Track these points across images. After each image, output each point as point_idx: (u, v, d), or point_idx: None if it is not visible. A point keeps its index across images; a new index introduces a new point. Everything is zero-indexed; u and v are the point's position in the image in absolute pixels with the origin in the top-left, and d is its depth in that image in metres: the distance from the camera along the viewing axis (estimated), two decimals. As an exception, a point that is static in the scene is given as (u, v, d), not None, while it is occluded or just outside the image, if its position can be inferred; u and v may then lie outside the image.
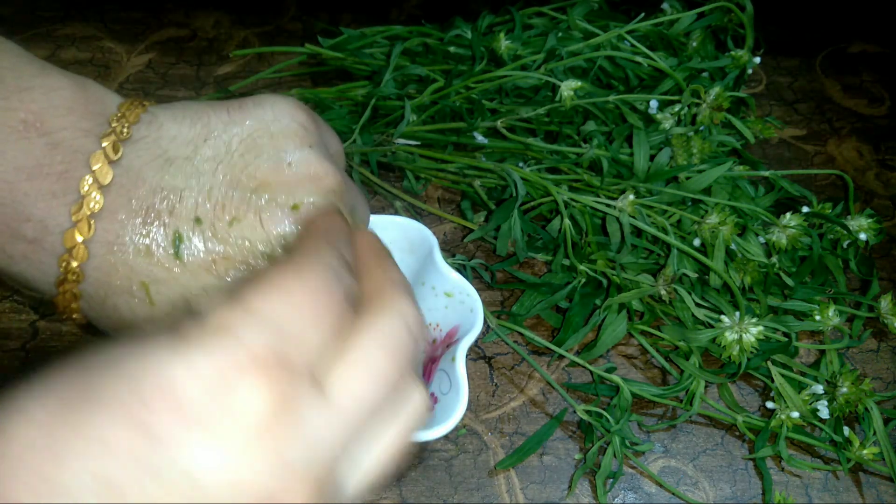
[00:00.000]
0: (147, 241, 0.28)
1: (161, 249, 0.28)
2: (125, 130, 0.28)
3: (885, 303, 0.47)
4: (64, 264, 0.27)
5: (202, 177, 0.29)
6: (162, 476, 0.17)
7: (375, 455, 0.22)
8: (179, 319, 0.20)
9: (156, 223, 0.28)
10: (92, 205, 0.27)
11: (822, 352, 0.46)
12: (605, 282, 0.47)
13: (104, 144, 0.27)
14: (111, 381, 0.18)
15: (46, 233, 0.27)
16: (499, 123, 0.50)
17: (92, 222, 0.27)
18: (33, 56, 0.28)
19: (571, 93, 0.48)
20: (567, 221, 0.46)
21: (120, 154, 0.28)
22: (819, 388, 0.43)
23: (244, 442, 0.18)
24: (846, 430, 0.43)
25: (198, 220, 0.28)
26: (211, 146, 0.29)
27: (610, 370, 0.44)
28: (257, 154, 0.29)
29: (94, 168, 0.27)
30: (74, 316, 0.29)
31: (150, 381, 0.18)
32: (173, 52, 0.62)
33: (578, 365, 0.45)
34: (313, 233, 0.26)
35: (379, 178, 0.53)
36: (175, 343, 0.19)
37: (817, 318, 0.45)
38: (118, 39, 0.63)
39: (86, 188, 0.27)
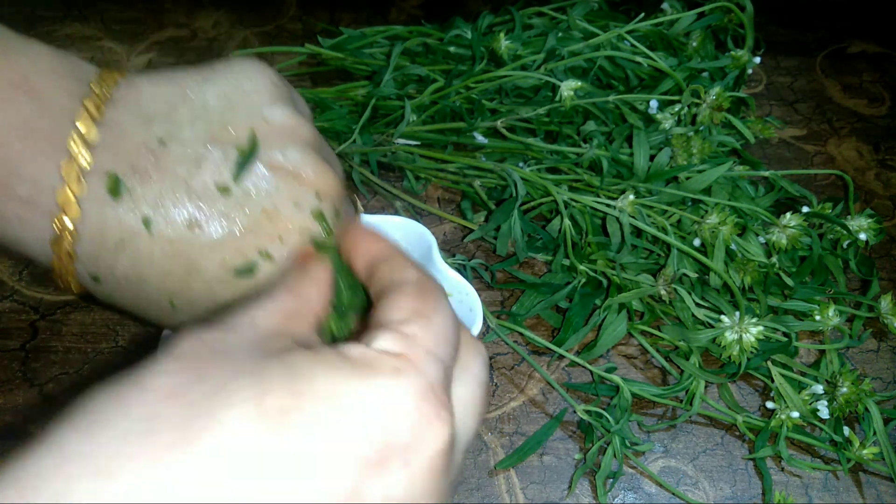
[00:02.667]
0: (135, 196, 0.29)
1: (147, 205, 0.28)
2: (106, 92, 0.29)
3: (885, 303, 0.47)
4: (58, 222, 0.28)
5: (182, 132, 0.29)
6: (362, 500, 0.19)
7: (458, 463, 0.25)
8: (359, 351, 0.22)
9: (142, 179, 0.29)
10: (81, 162, 0.28)
11: (822, 352, 0.46)
12: (605, 282, 0.47)
13: (87, 105, 0.28)
14: (331, 413, 0.19)
15: (39, 192, 0.28)
16: (499, 123, 0.50)
17: (83, 179, 0.28)
18: (14, 31, 0.30)
19: (571, 93, 0.48)
20: (567, 221, 0.46)
21: (103, 114, 0.29)
22: (819, 388, 0.43)
23: (428, 476, 0.20)
24: (846, 430, 0.42)
25: (185, 176, 0.29)
26: (188, 105, 0.30)
27: (610, 370, 0.44)
28: (233, 111, 0.30)
29: (80, 126, 0.28)
30: (71, 280, 0.30)
31: (362, 409, 0.20)
32: (173, 52, 0.62)
33: (578, 365, 0.45)
34: (399, 260, 0.28)
35: (379, 178, 0.53)
36: (382, 376, 0.21)
37: (817, 318, 0.45)
38: (118, 39, 0.63)
39: (74, 147, 0.28)
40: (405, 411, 0.20)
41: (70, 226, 0.28)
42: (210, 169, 0.29)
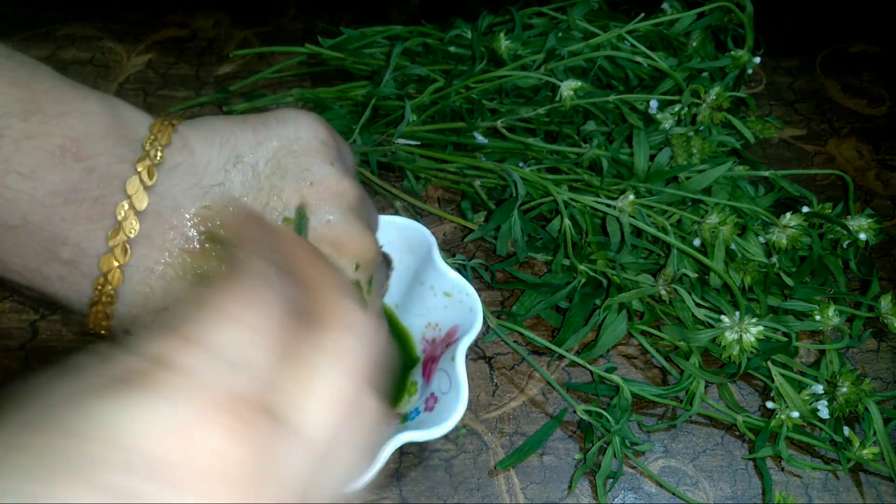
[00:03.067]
0: (187, 267, 0.28)
1: (201, 277, 0.28)
2: (158, 155, 0.28)
3: (885, 303, 0.47)
4: (99, 287, 0.28)
5: (235, 205, 0.29)
6: None
7: (339, 476, 0.21)
8: (128, 363, 0.18)
9: (194, 256, 0.28)
10: (129, 230, 0.27)
11: (822, 352, 0.46)
12: (605, 282, 0.47)
13: (139, 170, 0.28)
14: (74, 443, 0.16)
15: (83, 256, 0.28)
16: (499, 123, 0.50)
17: (128, 247, 0.27)
18: (65, 78, 0.29)
19: (571, 93, 0.48)
20: (567, 221, 0.46)
21: (155, 179, 0.28)
22: (819, 388, 0.43)
23: (213, 495, 0.17)
24: (846, 430, 0.42)
25: None
26: (240, 171, 0.30)
27: (610, 370, 0.44)
28: (283, 175, 0.30)
29: (131, 193, 0.27)
30: (102, 332, 0.30)
31: (115, 440, 0.16)
32: (173, 52, 0.62)
33: (578, 365, 0.45)
34: (237, 245, 0.24)
35: (379, 178, 0.53)
36: (134, 392, 0.17)
37: (817, 318, 0.45)
38: (118, 39, 0.63)
39: (122, 213, 0.27)
40: (162, 431, 0.17)
41: (111, 290, 0.28)
42: None
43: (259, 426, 0.18)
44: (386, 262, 0.37)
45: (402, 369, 0.43)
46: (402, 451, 0.42)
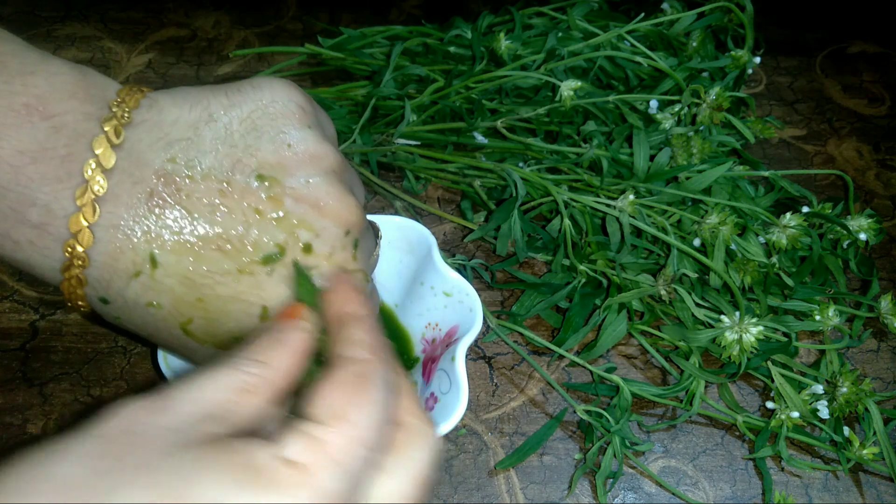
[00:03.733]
0: (151, 223, 0.28)
1: (165, 232, 0.28)
2: (126, 115, 0.28)
3: (885, 303, 0.47)
4: (69, 249, 0.28)
5: (204, 158, 0.29)
6: None
7: None
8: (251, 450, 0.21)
9: (160, 206, 0.28)
10: (96, 188, 0.27)
11: (822, 352, 0.46)
12: (605, 282, 0.47)
13: (106, 128, 0.28)
14: None
15: (51, 217, 0.27)
16: (499, 123, 0.50)
17: (97, 206, 0.27)
18: (34, 47, 0.29)
19: (571, 93, 0.48)
20: (567, 221, 0.46)
21: (122, 138, 0.28)
22: (819, 388, 0.43)
23: None
24: (846, 430, 0.42)
25: (205, 205, 0.28)
26: (212, 128, 0.29)
27: (610, 370, 0.44)
28: (257, 135, 0.30)
29: (98, 152, 0.27)
30: (80, 303, 0.29)
31: None
32: (173, 52, 0.62)
33: (578, 365, 0.45)
34: (355, 331, 0.26)
35: (379, 178, 0.53)
36: (271, 490, 0.20)
37: (817, 318, 0.45)
38: (118, 39, 0.63)
39: (89, 172, 0.27)
40: None
41: (81, 252, 0.28)
42: (230, 199, 0.29)
43: None
44: (373, 230, 0.37)
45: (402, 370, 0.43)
46: (402, 451, 0.42)
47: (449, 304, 0.42)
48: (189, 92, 0.30)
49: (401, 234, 0.43)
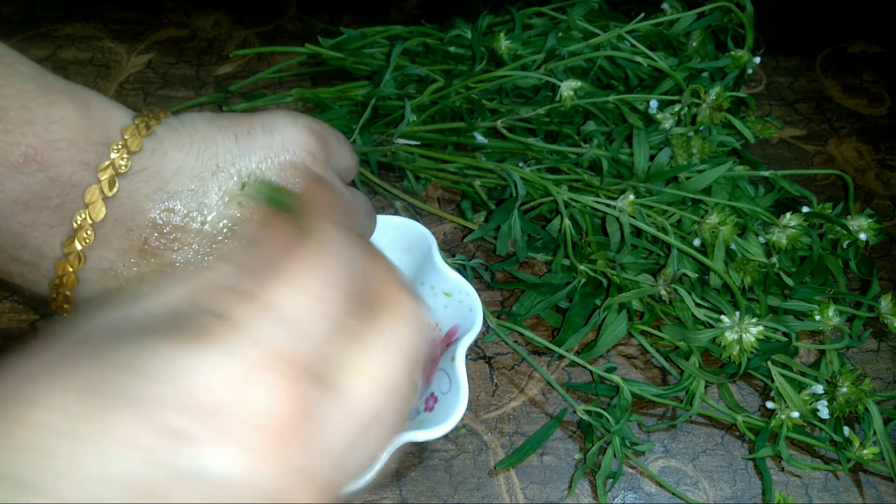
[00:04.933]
0: (143, 268, 0.28)
1: (156, 276, 0.28)
2: (124, 164, 0.28)
3: (885, 303, 0.47)
4: (55, 288, 0.28)
5: (207, 212, 0.29)
6: (185, 478, 0.17)
7: (372, 451, 0.22)
8: (188, 314, 0.19)
9: (153, 254, 0.28)
10: (83, 240, 0.28)
11: (822, 352, 0.46)
12: (605, 282, 0.47)
13: (101, 178, 0.28)
14: (132, 380, 0.17)
15: (41, 258, 0.28)
16: (499, 123, 0.50)
17: (83, 255, 0.28)
18: (42, 75, 0.28)
19: (571, 93, 0.48)
20: (567, 221, 0.46)
21: (116, 189, 0.28)
22: (819, 388, 0.43)
23: (262, 447, 0.18)
24: (846, 430, 0.42)
25: (196, 254, 0.29)
26: (217, 180, 0.29)
27: (610, 370, 0.44)
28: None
29: (89, 203, 0.28)
30: (66, 316, 0.30)
31: (173, 379, 0.17)
32: (173, 52, 0.62)
33: (578, 365, 0.45)
34: (321, 210, 0.24)
35: (379, 178, 0.53)
36: (193, 341, 0.18)
37: (817, 318, 0.45)
38: (118, 39, 0.63)
39: (78, 223, 0.27)
40: (219, 378, 0.18)
41: (67, 292, 0.28)
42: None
43: (306, 389, 0.19)
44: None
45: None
46: (402, 451, 0.42)
47: (449, 304, 0.42)
48: (197, 130, 0.30)
49: (401, 234, 0.43)
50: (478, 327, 0.40)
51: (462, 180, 0.52)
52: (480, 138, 0.52)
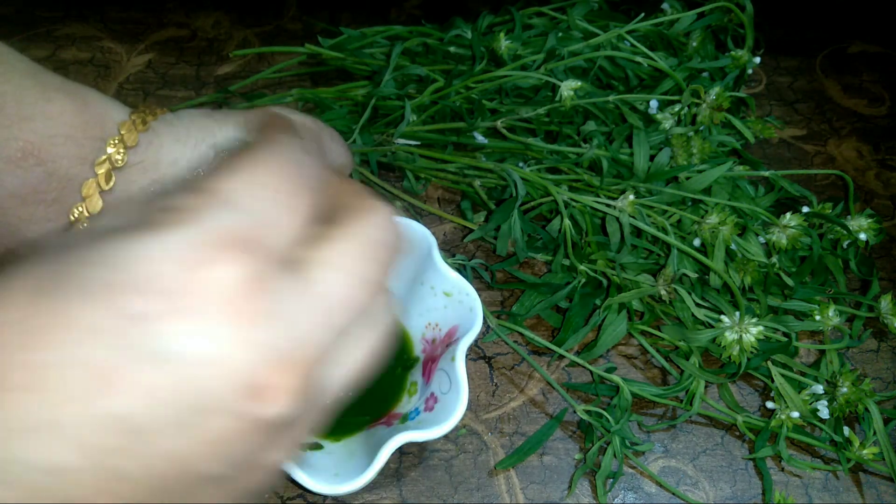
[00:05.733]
0: None
1: None
2: (120, 158, 0.28)
3: (885, 303, 0.47)
4: None
5: None
6: (147, 358, 0.17)
7: (355, 356, 0.21)
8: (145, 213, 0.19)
9: None
10: None
11: (822, 352, 0.46)
12: (605, 282, 0.47)
13: (98, 172, 0.28)
14: (87, 268, 0.17)
15: None
16: (499, 123, 0.50)
17: None
18: (40, 72, 0.28)
19: (571, 93, 0.48)
20: (567, 221, 0.46)
21: (112, 183, 0.28)
22: (819, 388, 0.43)
23: (220, 320, 0.17)
24: (846, 430, 0.42)
25: None
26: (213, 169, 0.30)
27: (610, 370, 0.44)
28: None
29: (85, 197, 0.28)
30: None
31: (126, 264, 0.17)
32: (173, 52, 0.62)
33: (578, 365, 0.45)
34: (272, 129, 0.23)
35: (379, 178, 0.53)
36: (147, 230, 0.18)
37: (817, 318, 0.45)
38: (118, 39, 0.63)
39: (75, 215, 0.28)
40: (171, 258, 0.17)
41: None
42: None
43: (263, 264, 0.18)
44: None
45: (402, 369, 0.43)
46: (402, 451, 0.42)
47: (449, 304, 0.42)
48: (194, 122, 0.30)
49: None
50: (478, 327, 0.40)
51: (462, 180, 0.52)
52: (480, 138, 0.52)
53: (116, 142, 0.28)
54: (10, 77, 0.28)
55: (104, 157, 0.28)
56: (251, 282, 0.18)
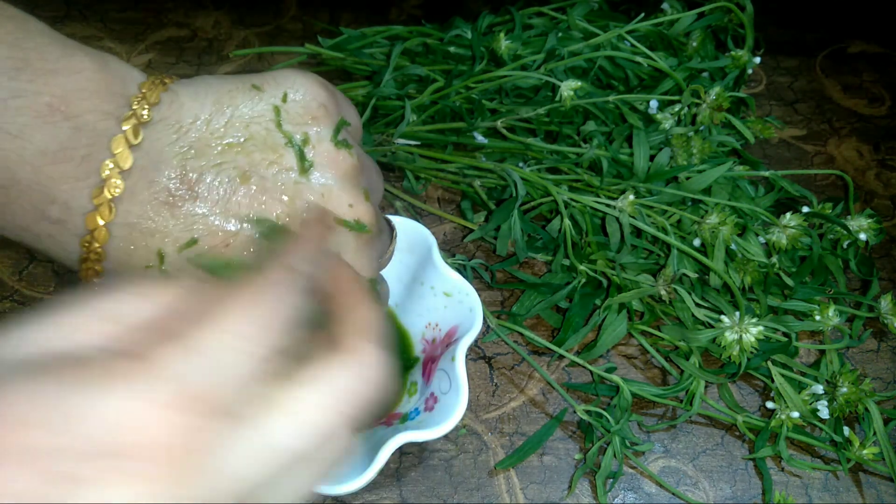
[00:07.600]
0: (166, 221, 0.28)
1: (177, 229, 0.28)
2: (145, 113, 0.28)
3: (885, 303, 0.47)
4: (86, 244, 0.28)
5: (223, 157, 0.29)
6: None
7: (295, 490, 0.21)
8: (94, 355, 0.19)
9: (174, 205, 0.28)
10: (113, 189, 0.28)
11: (822, 352, 0.46)
12: (605, 282, 0.47)
13: (125, 128, 0.28)
14: (21, 431, 0.17)
15: (70, 214, 0.28)
16: (499, 123, 0.50)
17: (113, 206, 0.28)
18: (56, 34, 0.29)
19: (571, 93, 0.48)
20: (567, 221, 0.46)
21: (140, 138, 0.28)
22: (819, 388, 0.43)
23: (158, 479, 0.17)
24: (846, 430, 0.43)
25: (216, 203, 0.29)
26: (231, 126, 0.30)
27: (610, 370, 0.44)
28: (277, 136, 0.30)
29: (115, 152, 0.28)
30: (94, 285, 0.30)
31: (67, 424, 0.17)
32: (173, 52, 0.62)
33: (578, 365, 0.45)
34: (301, 251, 0.24)
35: (379, 178, 0.53)
36: (98, 377, 0.18)
37: (817, 318, 0.45)
38: (118, 39, 0.63)
39: (106, 172, 0.27)
40: (112, 418, 0.17)
41: (98, 248, 0.28)
42: (246, 197, 0.29)
43: (208, 422, 0.18)
44: (389, 227, 0.37)
45: (402, 369, 0.43)
46: (402, 451, 0.42)
47: (449, 304, 0.42)
48: (210, 85, 0.30)
49: (401, 234, 0.43)
50: (478, 327, 0.40)
51: (462, 180, 0.52)
52: (480, 138, 0.52)
53: (140, 99, 0.29)
54: (31, 35, 0.28)
55: (130, 112, 0.28)
56: (192, 440, 0.18)
